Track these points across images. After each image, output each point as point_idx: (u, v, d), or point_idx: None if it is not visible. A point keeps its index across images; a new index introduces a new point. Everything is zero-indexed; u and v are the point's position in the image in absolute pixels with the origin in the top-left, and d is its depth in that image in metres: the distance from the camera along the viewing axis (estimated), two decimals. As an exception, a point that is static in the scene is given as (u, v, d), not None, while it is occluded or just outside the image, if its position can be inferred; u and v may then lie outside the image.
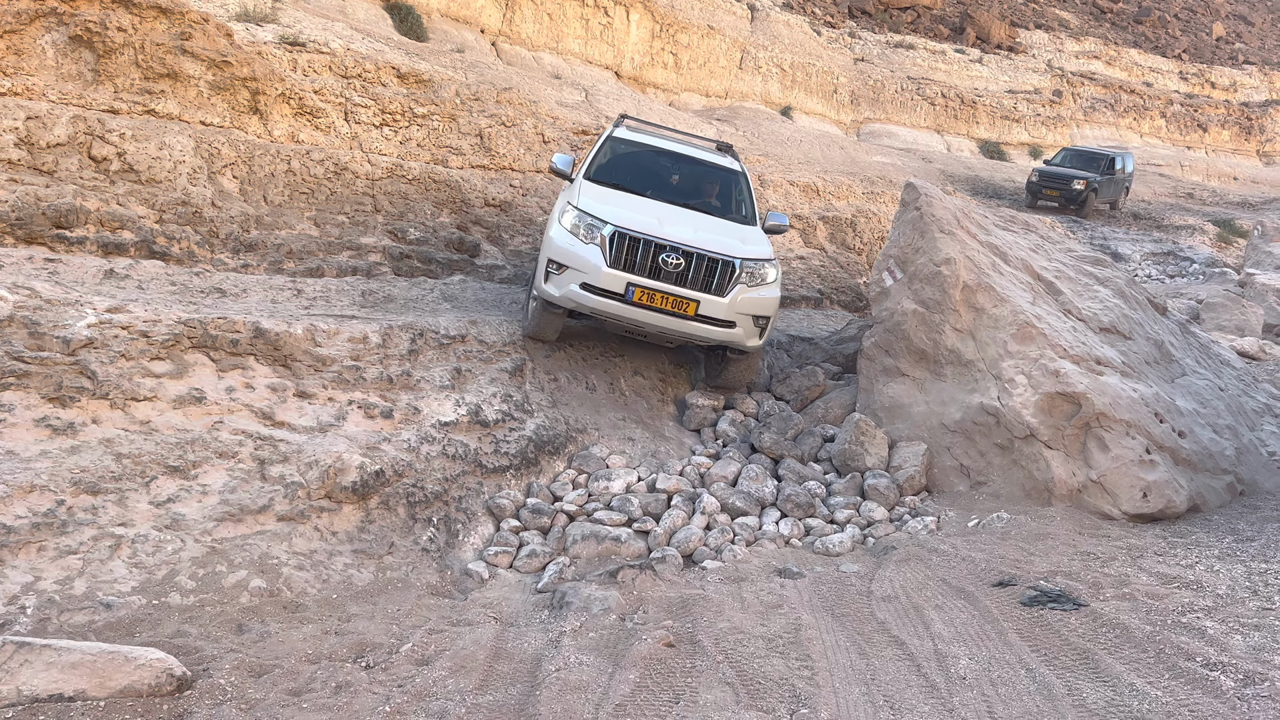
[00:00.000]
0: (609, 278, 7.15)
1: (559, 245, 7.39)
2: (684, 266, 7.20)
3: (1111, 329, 7.77)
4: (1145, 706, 3.80)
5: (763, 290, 7.50)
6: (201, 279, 8.17)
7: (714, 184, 9.00)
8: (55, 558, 4.64)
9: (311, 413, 6.30)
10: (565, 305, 7.38)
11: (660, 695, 3.88)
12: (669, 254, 7.18)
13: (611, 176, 8.39)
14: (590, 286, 7.18)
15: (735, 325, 7.40)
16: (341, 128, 12.47)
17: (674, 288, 7.20)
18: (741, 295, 7.35)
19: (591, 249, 7.25)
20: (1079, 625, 4.66)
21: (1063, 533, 6.07)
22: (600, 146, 8.74)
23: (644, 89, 28.99)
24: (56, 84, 10.10)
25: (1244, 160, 45.18)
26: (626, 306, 7.19)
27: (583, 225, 7.36)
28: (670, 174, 8.87)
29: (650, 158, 8.93)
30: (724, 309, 7.30)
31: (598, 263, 7.17)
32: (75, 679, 3.59)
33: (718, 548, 6.07)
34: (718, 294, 7.29)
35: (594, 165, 8.49)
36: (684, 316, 7.25)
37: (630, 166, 8.73)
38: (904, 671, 4.21)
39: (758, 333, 7.60)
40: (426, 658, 4.31)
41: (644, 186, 8.48)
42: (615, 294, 7.17)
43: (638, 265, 7.20)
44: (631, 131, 9.22)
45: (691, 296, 7.22)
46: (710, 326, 7.34)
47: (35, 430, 5.30)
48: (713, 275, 7.28)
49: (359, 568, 5.38)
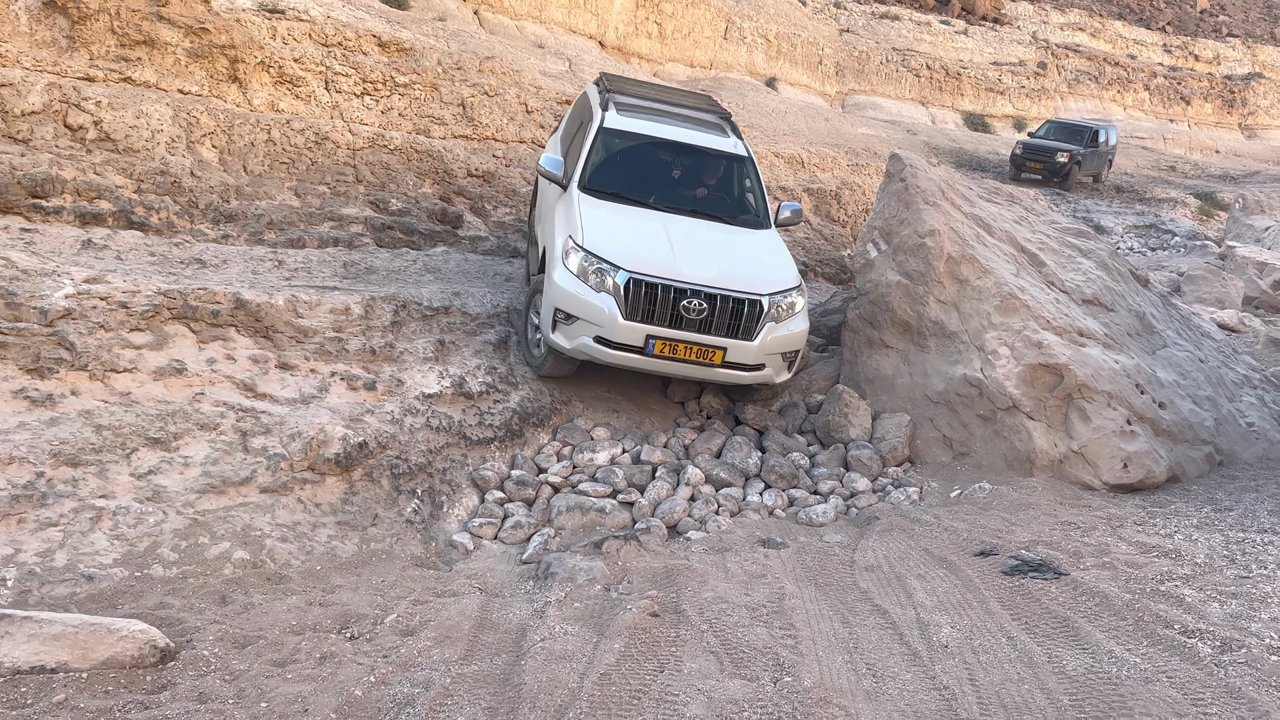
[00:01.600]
0: (626, 330, 6.54)
1: (567, 293, 6.66)
2: (707, 311, 6.59)
3: (1094, 301, 7.80)
4: (1124, 673, 3.85)
5: (791, 324, 6.97)
6: (181, 249, 8.08)
7: (720, 177, 8.26)
8: (35, 530, 4.61)
9: (294, 384, 6.26)
10: (577, 358, 6.86)
11: (645, 664, 3.90)
12: (691, 299, 6.56)
13: (609, 183, 7.63)
14: (606, 341, 6.59)
15: (765, 367, 6.92)
16: (322, 97, 12.32)
17: (698, 336, 6.61)
18: (770, 335, 6.80)
19: (604, 298, 6.57)
20: (1059, 594, 4.70)
21: (1044, 503, 6.11)
22: (592, 143, 7.81)
23: (628, 59, 28.75)
24: (30, 50, 9.93)
25: (1226, 133, 45.30)
26: (647, 359, 6.64)
27: (591, 269, 6.64)
28: (671, 169, 8.14)
29: (648, 152, 8.07)
30: (753, 353, 6.77)
31: (613, 314, 6.53)
32: (57, 651, 3.57)
33: (702, 519, 6.09)
34: (745, 338, 6.72)
35: (587, 170, 7.64)
36: (710, 365, 6.73)
37: (627, 167, 7.92)
38: (886, 640, 4.25)
39: (786, 367, 7.13)
40: (411, 628, 4.31)
41: (646, 192, 7.73)
42: (634, 348, 6.60)
43: (656, 314, 6.56)
44: (622, 114, 8.21)
45: (718, 344, 6.65)
46: (738, 372, 6.84)
47: (13, 402, 5.25)
48: (739, 318, 6.68)
49: (343, 539, 5.37)
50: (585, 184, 7.56)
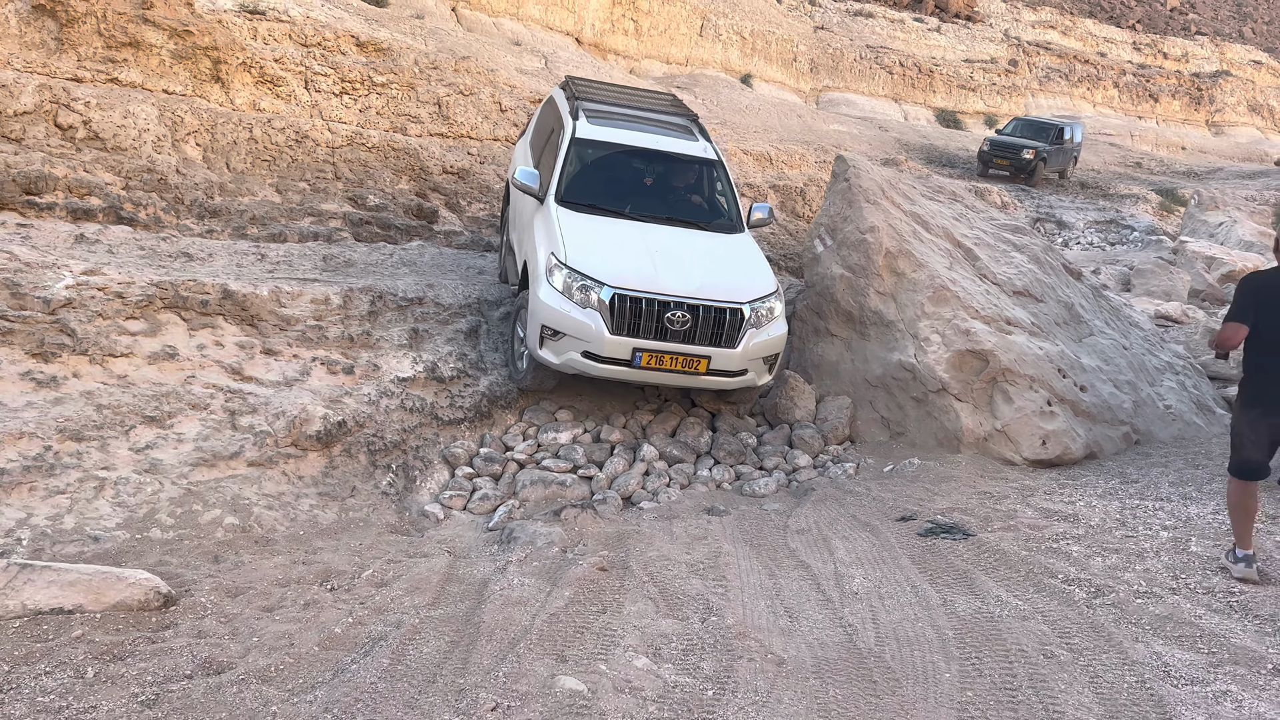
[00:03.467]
0: (614, 345, 6.68)
1: (553, 310, 6.78)
2: (690, 322, 6.74)
3: (1024, 292, 8.40)
4: (1004, 612, 4.43)
5: (771, 329, 7.13)
6: (169, 244, 8.56)
7: (692, 183, 8.43)
8: (45, 497, 5.11)
9: (278, 368, 6.77)
10: (566, 371, 7.03)
11: (590, 607, 4.45)
12: (674, 311, 6.71)
13: (585, 195, 7.74)
14: (593, 355, 6.74)
15: (748, 371, 7.09)
16: (302, 96, 12.78)
17: (683, 346, 6.76)
18: (752, 341, 6.95)
19: (590, 314, 6.70)
20: (965, 551, 5.29)
21: (966, 476, 6.71)
22: (565, 154, 7.90)
23: (604, 55, 29.21)
24: (20, 52, 10.35)
25: (1193, 130, 46.11)
26: (634, 371, 6.81)
27: (576, 286, 6.77)
28: (644, 176, 8.28)
29: (621, 161, 8.23)
30: (736, 360, 6.93)
31: (599, 329, 6.66)
32: (74, 595, 4.08)
33: (654, 491, 6.65)
34: (728, 345, 6.87)
35: (563, 182, 7.74)
36: (695, 373, 6.88)
37: (602, 177, 8.06)
38: (806, 589, 4.82)
39: (768, 370, 7.32)
40: (385, 581, 4.84)
41: (622, 201, 7.84)
42: (622, 360, 6.75)
43: (642, 327, 6.70)
44: (593, 123, 8.28)
45: (702, 353, 6.80)
46: (723, 378, 7.02)
47: (21, 383, 5.74)
48: (722, 326, 6.83)
49: (323, 508, 5.89)
50: (562, 196, 7.65)
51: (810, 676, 3.83)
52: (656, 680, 3.74)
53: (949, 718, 3.53)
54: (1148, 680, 3.81)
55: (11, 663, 3.65)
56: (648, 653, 3.98)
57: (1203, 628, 4.26)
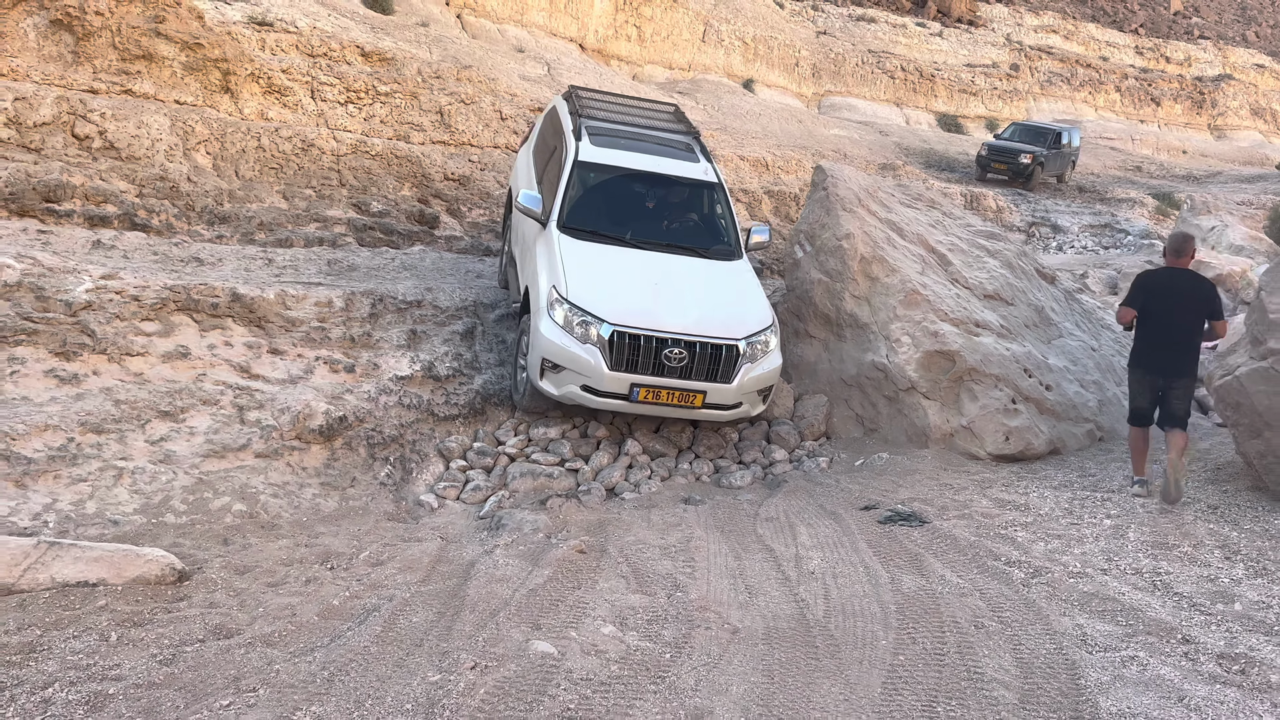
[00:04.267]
0: (612, 380, 6.83)
1: (553, 344, 6.91)
2: (687, 359, 6.89)
3: (995, 296, 8.80)
4: (945, 589, 4.84)
5: (765, 363, 7.27)
6: (180, 249, 9.00)
7: (693, 207, 8.51)
8: (69, 484, 5.55)
9: (283, 367, 7.21)
10: (566, 403, 7.21)
11: (567, 583, 4.87)
12: (672, 348, 6.86)
13: (587, 220, 7.83)
14: (592, 389, 6.90)
15: (742, 404, 7.25)
16: (308, 105, 13.25)
17: (679, 382, 6.92)
18: (747, 376, 7.10)
19: (589, 349, 6.84)
20: (919, 537, 5.70)
21: (930, 469, 7.12)
22: (568, 179, 7.96)
23: (607, 61, 29.63)
24: (39, 65, 10.82)
25: (1195, 134, 46.34)
26: (632, 404, 6.97)
27: (576, 321, 6.90)
28: (646, 200, 8.40)
29: (622, 185, 8.30)
30: (732, 394, 7.09)
31: (599, 365, 6.81)
32: (97, 569, 4.51)
33: (636, 483, 7.06)
34: (724, 380, 7.02)
35: (565, 207, 7.82)
36: (691, 407, 7.06)
37: (604, 202, 8.17)
38: (767, 568, 5.23)
39: (761, 400, 7.48)
40: (381, 561, 5.27)
41: (623, 227, 7.95)
42: (619, 395, 6.91)
43: (640, 363, 6.86)
44: (595, 144, 8.34)
45: (698, 389, 6.96)
46: (717, 411, 7.18)
47: (45, 380, 6.19)
48: (718, 362, 6.98)
49: (325, 497, 6.32)
50: (564, 223, 7.73)
51: (760, 643, 4.24)
52: (621, 645, 4.15)
53: (879, 677, 3.93)
54: (1065, 648, 4.21)
55: (43, 628, 4.08)
56: (615, 622, 4.39)
57: (1124, 603, 4.66)
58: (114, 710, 3.48)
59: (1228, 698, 3.76)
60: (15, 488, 5.37)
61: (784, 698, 3.74)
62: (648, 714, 3.59)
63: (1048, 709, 3.69)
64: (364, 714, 3.50)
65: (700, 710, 3.63)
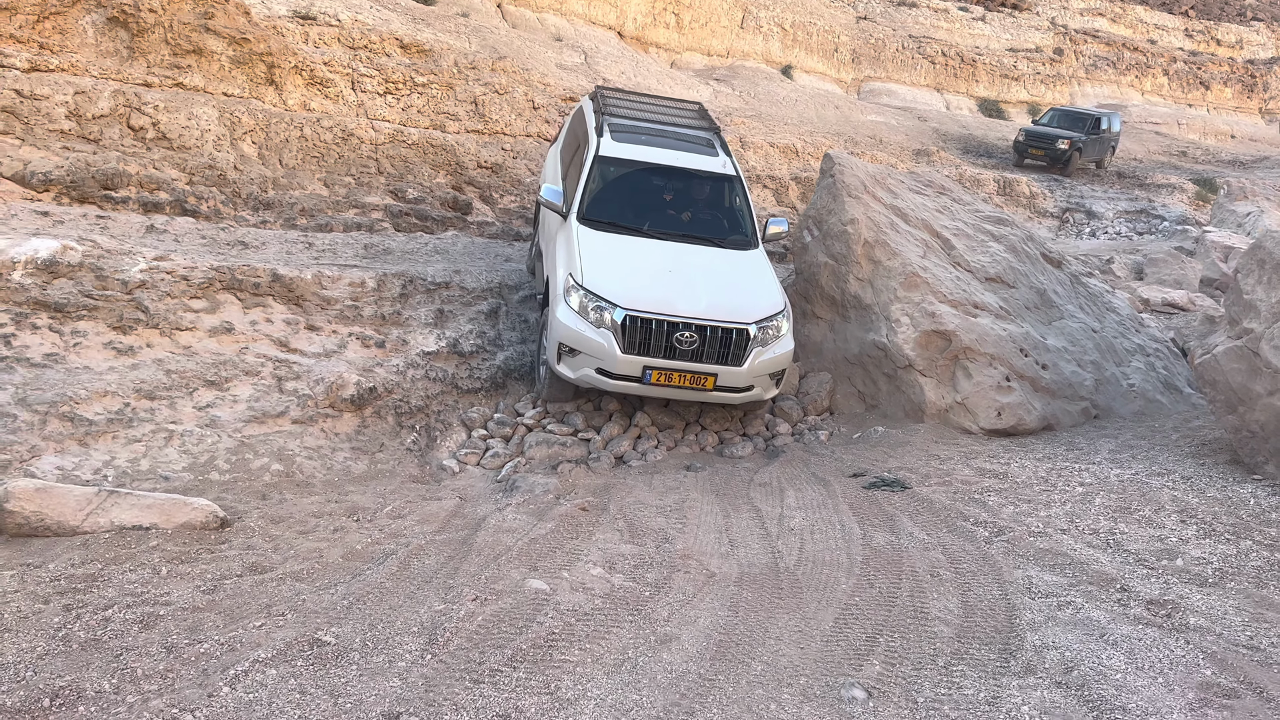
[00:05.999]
0: (625, 363, 7.10)
1: (569, 329, 7.21)
2: (698, 342, 7.14)
3: (997, 279, 9.15)
4: (911, 544, 5.28)
5: (777, 347, 7.48)
6: (227, 233, 9.64)
7: (711, 199, 8.73)
8: (125, 444, 6.18)
9: (319, 342, 7.80)
10: (581, 386, 7.51)
11: (566, 534, 5.38)
12: (683, 331, 7.11)
13: (605, 212, 8.11)
14: (606, 372, 7.18)
15: (754, 387, 7.46)
16: (349, 96, 13.87)
17: (691, 364, 7.16)
18: (758, 360, 7.32)
19: (603, 333, 7.11)
20: (898, 500, 6.13)
21: (922, 442, 7.52)
22: (589, 173, 8.30)
23: (646, 49, 30.02)
24: (97, 60, 11.54)
25: (1245, 118, 45.56)
26: (645, 386, 7.24)
27: (591, 306, 7.17)
28: (664, 192, 8.65)
29: (642, 179, 8.59)
30: (743, 377, 7.31)
31: (612, 349, 7.08)
32: (150, 515, 5.11)
33: (644, 452, 7.56)
34: (735, 364, 7.24)
35: (585, 200, 8.13)
36: (702, 389, 7.29)
37: (623, 195, 8.43)
38: (751, 526, 5.70)
39: (774, 384, 7.67)
40: (402, 515, 5.82)
41: (641, 219, 8.23)
42: (633, 377, 7.18)
43: (652, 347, 7.11)
44: (616, 139, 8.69)
45: (709, 371, 7.20)
46: (729, 394, 7.40)
47: (104, 351, 6.83)
48: (729, 346, 7.21)
49: (355, 461, 6.90)
50: (584, 215, 8.03)
51: (731, 585, 4.72)
52: (606, 584, 4.66)
53: (832, 614, 4.40)
54: (1010, 594, 4.63)
55: (104, 562, 4.68)
56: (604, 566, 4.90)
57: (1074, 558, 5.06)
58: (163, 629, 4.05)
59: (1146, 636, 4.17)
60: (79, 446, 6.01)
61: (744, 629, 4.22)
62: (622, 639, 4.09)
63: (979, 642, 4.13)
64: (376, 634, 4.04)
65: (668, 636, 4.12)
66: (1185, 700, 3.66)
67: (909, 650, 4.06)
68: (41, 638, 3.85)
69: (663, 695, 3.64)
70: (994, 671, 3.86)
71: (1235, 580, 4.79)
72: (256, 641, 3.92)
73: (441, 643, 3.96)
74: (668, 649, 4.02)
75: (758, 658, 3.98)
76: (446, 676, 3.71)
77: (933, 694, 3.70)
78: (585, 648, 4.00)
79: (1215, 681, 3.80)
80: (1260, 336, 6.53)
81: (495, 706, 3.52)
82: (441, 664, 3.81)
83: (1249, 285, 6.73)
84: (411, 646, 3.94)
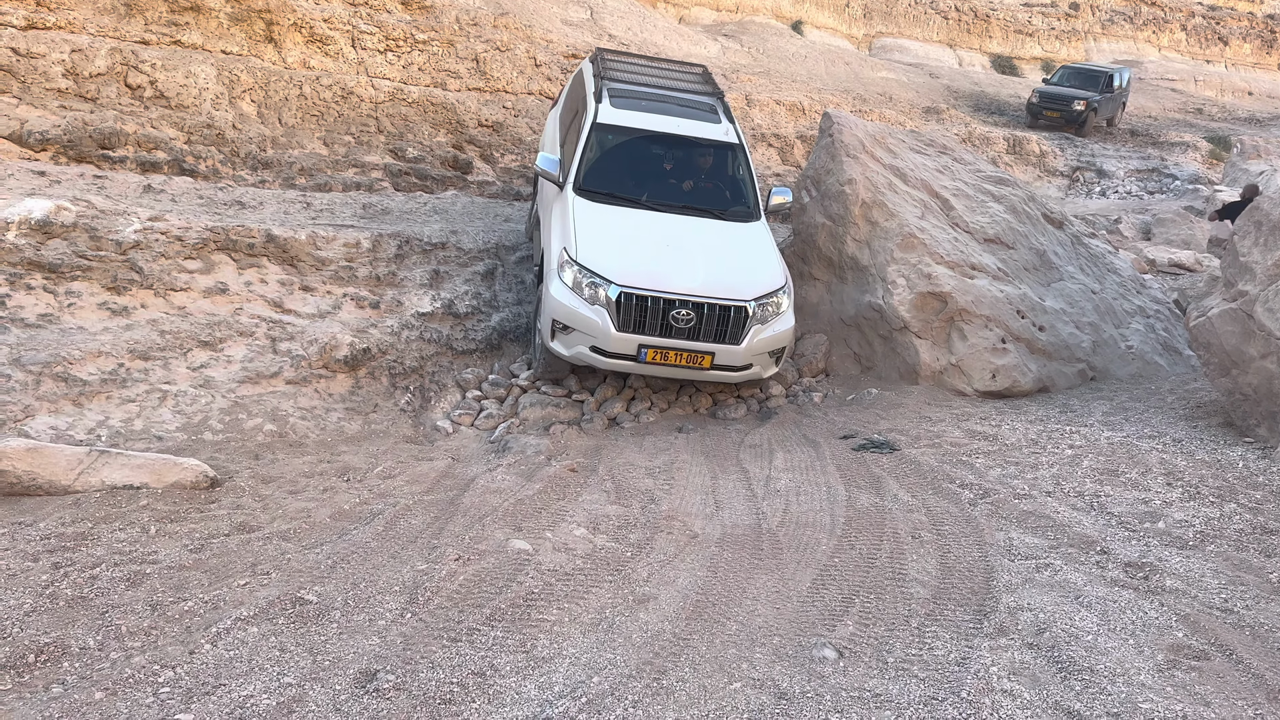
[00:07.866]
0: (619, 341, 6.94)
1: (562, 306, 7.05)
2: (695, 319, 6.96)
3: (996, 240, 9.09)
4: (895, 506, 5.31)
5: (777, 325, 7.28)
6: (224, 193, 9.64)
7: (712, 168, 8.44)
8: (119, 404, 6.24)
9: (313, 302, 7.83)
10: (575, 364, 7.36)
11: (553, 495, 5.43)
12: (679, 309, 6.93)
13: (603, 183, 7.90)
14: (600, 350, 7.04)
15: (752, 365, 7.29)
16: (349, 54, 13.77)
17: (687, 343, 7.00)
18: (756, 338, 7.14)
19: (597, 310, 6.95)
20: (886, 462, 6.15)
21: (915, 404, 7.53)
22: (586, 140, 8.05)
23: (654, 4, 29.60)
24: (94, 18, 11.47)
25: (1264, 74, 44.78)
26: (640, 365, 7.07)
27: (585, 282, 7.00)
28: (664, 161, 8.38)
29: (641, 147, 8.33)
30: (740, 356, 7.13)
31: (606, 326, 6.92)
32: (141, 475, 5.17)
33: (637, 414, 7.58)
34: (732, 342, 7.07)
35: (581, 170, 7.91)
36: (699, 369, 7.14)
37: (620, 164, 8.20)
38: (738, 487, 5.73)
39: (774, 362, 7.50)
40: (392, 475, 5.87)
41: (639, 189, 8.02)
42: (627, 356, 7.02)
43: (647, 325, 6.94)
44: (615, 105, 8.43)
45: (706, 350, 7.03)
46: (727, 373, 7.25)
47: (98, 312, 6.87)
48: (726, 323, 7.03)
49: (349, 421, 6.95)
50: (580, 185, 7.82)
51: (713, 546, 4.76)
52: (589, 544, 4.71)
53: (810, 575, 4.44)
54: (989, 556, 4.66)
55: (94, 521, 4.74)
56: (588, 527, 4.94)
57: (1056, 520, 5.09)
58: (149, 587, 4.12)
59: (1121, 598, 4.20)
60: (73, 406, 6.07)
61: (721, 589, 4.27)
62: (600, 598, 4.14)
63: (954, 604, 4.17)
64: (358, 593, 4.10)
65: (646, 596, 4.17)
66: (1154, 662, 3.70)
67: (883, 611, 4.10)
68: (29, 595, 3.92)
69: (636, 654, 3.70)
70: (966, 633, 3.90)
71: (1215, 543, 4.80)
72: (240, 600, 3.98)
73: (422, 602, 4.02)
74: (645, 609, 4.07)
75: (733, 617, 4.02)
76: (425, 635, 3.77)
77: (903, 654, 3.74)
78: (563, 607, 4.05)
79: (1186, 644, 3.83)
80: (1255, 299, 6.49)
81: (471, 664, 3.58)
82: (421, 623, 3.86)
83: (1245, 247, 6.67)
84: (392, 605, 4.00)
